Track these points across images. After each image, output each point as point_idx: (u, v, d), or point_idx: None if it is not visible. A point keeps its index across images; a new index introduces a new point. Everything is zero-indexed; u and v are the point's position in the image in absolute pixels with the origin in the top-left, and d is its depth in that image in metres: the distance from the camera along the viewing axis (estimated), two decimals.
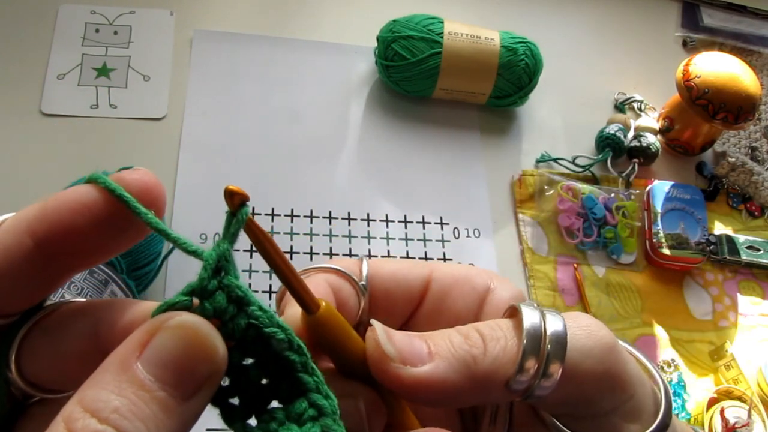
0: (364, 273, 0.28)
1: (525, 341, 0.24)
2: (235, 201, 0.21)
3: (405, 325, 0.30)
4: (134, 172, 0.21)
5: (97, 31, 0.73)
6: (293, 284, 0.22)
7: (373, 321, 0.24)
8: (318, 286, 0.27)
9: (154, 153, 0.67)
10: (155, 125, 0.70)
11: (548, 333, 0.24)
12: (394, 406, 0.25)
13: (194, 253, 0.21)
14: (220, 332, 0.20)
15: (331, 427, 0.20)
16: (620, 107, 0.84)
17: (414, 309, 0.29)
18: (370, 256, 0.67)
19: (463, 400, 0.25)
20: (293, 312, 0.24)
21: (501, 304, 0.28)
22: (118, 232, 0.21)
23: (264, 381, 0.21)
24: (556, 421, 0.26)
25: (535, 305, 0.27)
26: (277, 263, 0.22)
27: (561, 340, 0.24)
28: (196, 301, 0.20)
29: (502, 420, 0.27)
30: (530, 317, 0.24)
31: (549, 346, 0.23)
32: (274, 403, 0.21)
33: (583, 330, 0.25)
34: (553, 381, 0.23)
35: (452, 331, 0.25)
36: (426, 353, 0.24)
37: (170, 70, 0.73)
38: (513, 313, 0.26)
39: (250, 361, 0.21)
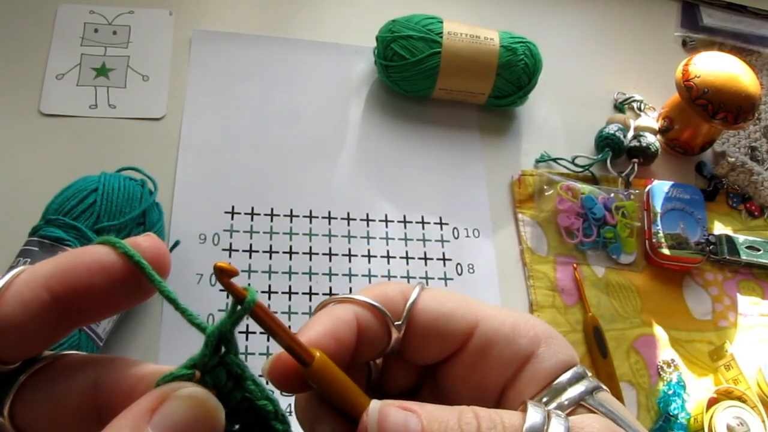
0: (407, 306, 0.28)
1: None
2: (236, 290, 0.22)
3: (443, 363, 0.29)
4: (147, 239, 0.23)
5: (96, 31, 0.73)
6: (289, 343, 0.24)
7: (372, 403, 0.24)
8: (340, 321, 0.26)
9: (154, 153, 0.67)
10: (154, 125, 0.69)
11: None
12: None
13: (198, 326, 0.22)
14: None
15: None
16: (620, 107, 0.83)
17: (450, 354, 0.28)
18: (369, 257, 0.67)
19: None
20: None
21: (537, 376, 0.27)
22: (129, 293, 0.23)
23: None
24: None
25: (580, 376, 0.26)
26: (275, 330, 0.23)
27: None
28: (197, 373, 0.22)
29: None
30: (533, 418, 0.24)
31: None
32: None
33: None
34: None
35: (454, 417, 0.24)
36: None
37: (169, 70, 0.73)
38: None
39: (237, 426, 0.23)
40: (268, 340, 0.61)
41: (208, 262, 0.63)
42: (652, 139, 0.77)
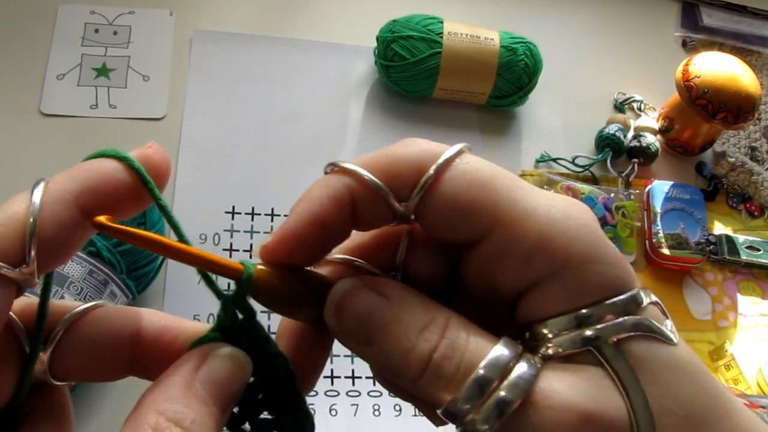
0: (415, 192, 0.25)
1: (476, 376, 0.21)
2: (232, 271, 0.25)
3: (462, 251, 0.26)
4: (154, 151, 0.25)
5: (96, 31, 0.73)
6: (212, 266, 0.25)
7: (339, 283, 0.25)
8: (328, 203, 0.27)
9: None
10: (155, 125, 0.70)
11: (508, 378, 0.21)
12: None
13: (213, 287, 0.26)
14: None
15: None
16: (620, 107, 0.84)
17: (465, 244, 0.25)
18: None
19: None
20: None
21: (554, 299, 0.23)
22: (136, 206, 0.25)
23: (260, 396, 0.26)
24: None
25: (618, 309, 0.24)
26: (193, 258, 0.25)
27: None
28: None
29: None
30: (497, 352, 0.22)
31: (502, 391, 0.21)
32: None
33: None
34: None
35: (418, 326, 0.23)
36: None
37: (170, 70, 0.73)
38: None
39: (251, 378, 0.26)
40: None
41: None
42: (652, 139, 0.77)
